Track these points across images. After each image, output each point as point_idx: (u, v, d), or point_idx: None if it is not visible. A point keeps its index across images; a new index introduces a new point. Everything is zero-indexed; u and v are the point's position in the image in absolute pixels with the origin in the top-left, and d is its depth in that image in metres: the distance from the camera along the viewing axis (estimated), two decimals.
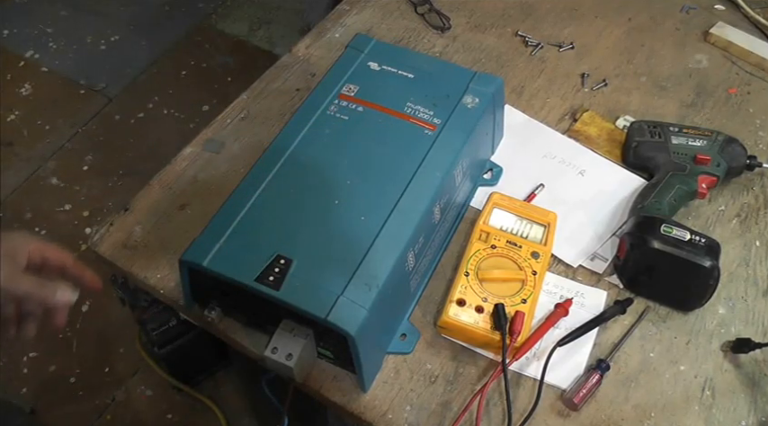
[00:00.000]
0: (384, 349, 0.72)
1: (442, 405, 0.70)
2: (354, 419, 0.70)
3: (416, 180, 0.73)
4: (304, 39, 1.03)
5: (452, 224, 0.82)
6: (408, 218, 0.70)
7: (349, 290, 0.64)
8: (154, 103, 2.04)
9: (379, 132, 0.77)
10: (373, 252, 0.67)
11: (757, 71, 1.02)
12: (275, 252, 0.66)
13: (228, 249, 0.67)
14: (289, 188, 0.72)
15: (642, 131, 0.89)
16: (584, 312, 0.76)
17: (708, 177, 0.84)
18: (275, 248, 0.66)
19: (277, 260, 0.66)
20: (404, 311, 0.75)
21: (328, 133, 0.77)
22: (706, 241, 0.75)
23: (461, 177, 0.79)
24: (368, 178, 0.73)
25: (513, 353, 0.71)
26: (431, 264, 0.78)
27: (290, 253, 0.66)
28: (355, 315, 0.63)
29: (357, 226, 0.69)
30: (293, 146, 0.75)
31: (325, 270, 0.66)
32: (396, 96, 0.80)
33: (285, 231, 0.69)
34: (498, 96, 0.84)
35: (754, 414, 0.71)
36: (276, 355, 0.66)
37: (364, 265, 0.66)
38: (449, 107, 0.80)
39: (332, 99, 0.80)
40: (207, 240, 0.67)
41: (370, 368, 0.69)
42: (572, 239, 0.82)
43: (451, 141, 0.77)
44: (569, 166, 0.90)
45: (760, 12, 1.08)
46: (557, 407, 0.71)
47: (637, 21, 1.09)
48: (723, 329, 0.77)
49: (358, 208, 0.71)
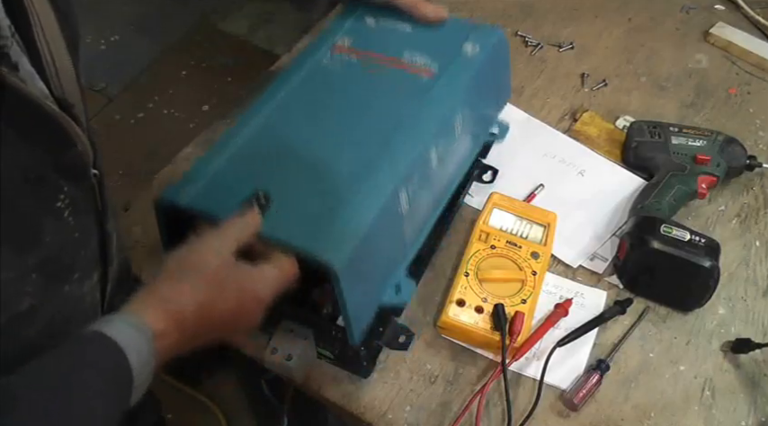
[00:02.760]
0: (375, 298, 0.67)
1: (441, 405, 0.70)
2: (354, 419, 0.70)
3: (411, 122, 0.69)
4: (304, 39, 1.03)
5: (455, 180, 0.78)
6: (401, 157, 0.67)
7: (335, 224, 0.61)
8: (154, 103, 2.04)
9: (374, 79, 0.74)
10: (362, 188, 0.64)
11: (757, 71, 1.02)
12: (256, 189, 0.62)
13: (208, 188, 0.64)
14: (276, 132, 0.69)
15: (642, 131, 0.89)
16: (583, 312, 0.76)
17: (708, 177, 0.84)
18: (256, 185, 0.63)
19: (258, 196, 0.62)
20: (397, 260, 0.70)
21: (321, 81, 0.74)
22: (706, 241, 0.75)
23: (461, 128, 0.75)
24: (360, 121, 0.70)
25: (513, 353, 0.71)
26: (429, 217, 0.74)
27: (272, 189, 0.63)
28: (341, 248, 0.59)
29: (346, 163, 0.66)
30: (283, 93, 0.72)
31: (310, 205, 0.63)
32: (392, 46, 0.77)
33: (269, 170, 0.66)
34: (501, 48, 0.81)
35: (754, 414, 0.71)
36: (276, 355, 0.66)
37: (352, 200, 0.63)
38: (448, 55, 0.76)
39: (325, 51, 0.77)
40: (185, 182, 0.64)
41: (358, 314, 0.64)
42: (572, 239, 0.82)
43: (450, 87, 0.73)
44: (569, 166, 0.90)
45: (760, 12, 1.08)
46: (557, 407, 0.71)
47: (637, 21, 1.09)
48: (723, 329, 0.77)
49: (348, 147, 0.68)
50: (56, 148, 0.51)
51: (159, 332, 0.50)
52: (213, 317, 0.54)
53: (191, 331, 0.53)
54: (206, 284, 0.54)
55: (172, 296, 0.53)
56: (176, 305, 0.52)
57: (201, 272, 0.54)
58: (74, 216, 0.54)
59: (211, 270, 0.55)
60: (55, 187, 0.52)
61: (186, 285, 0.53)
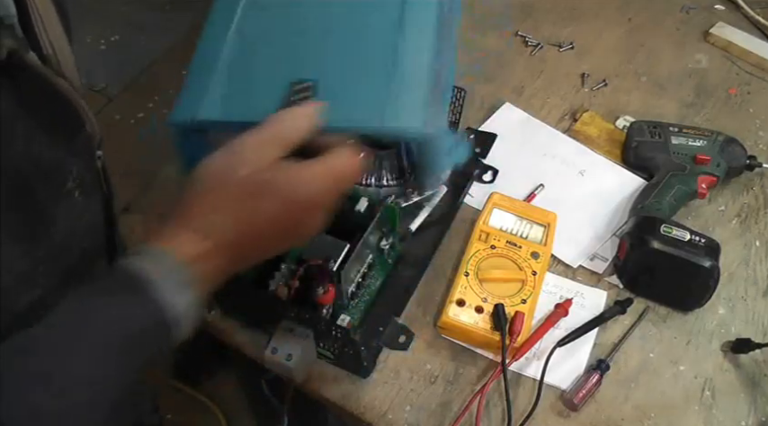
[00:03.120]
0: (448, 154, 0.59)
1: (441, 405, 0.70)
2: (354, 419, 0.70)
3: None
4: None
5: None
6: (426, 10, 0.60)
7: (395, 94, 0.54)
8: (154, 103, 2.04)
9: None
10: (403, 50, 0.57)
11: (757, 71, 1.02)
12: (289, 80, 0.54)
13: (229, 96, 0.55)
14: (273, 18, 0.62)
15: (642, 131, 0.89)
16: (584, 312, 0.76)
17: (708, 177, 0.84)
18: (286, 76, 0.54)
19: (296, 87, 0.53)
20: (444, 110, 0.64)
21: None
22: (706, 241, 0.75)
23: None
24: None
25: (513, 353, 0.71)
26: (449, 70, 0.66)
27: (307, 77, 0.54)
28: (414, 115, 0.53)
29: (374, 30, 0.59)
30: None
31: (359, 83, 0.55)
32: None
33: (289, 58, 0.57)
34: None
35: (754, 414, 0.71)
36: (276, 355, 0.66)
37: (400, 64, 0.56)
38: None
39: None
40: (193, 98, 0.56)
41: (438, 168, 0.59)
42: (572, 239, 0.82)
43: None
44: (569, 166, 0.90)
45: (760, 12, 1.08)
46: (557, 407, 0.71)
47: (637, 21, 1.09)
48: (723, 329, 0.77)
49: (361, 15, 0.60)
50: (67, 128, 0.50)
51: (195, 256, 0.45)
52: (259, 229, 0.48)
53: (235, 249, 0.47)
54: (242, 191, 0.47)
55: (203, 212, 0.47)
56: (210, 223, 0.46)
57: (235, 179, 0.47)
58: (83, 197, 0.52)
59: (246, 174, 0.47)
60: (66, 168, 0.50)
61: (220, 195, 0.47)
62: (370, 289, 0.75)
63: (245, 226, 0.47)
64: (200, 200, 0.47)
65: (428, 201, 0.78)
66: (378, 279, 0.76)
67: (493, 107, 0.95)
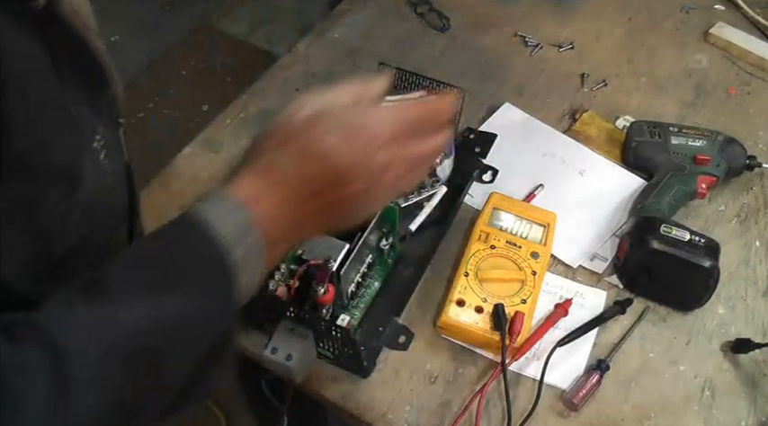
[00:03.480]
0: None
1: (441, 405, 0.70)
2: (354, 419, 0.70)
3: None
4: (304, 40, 1.04)
5: None
6: None
7: None
8: (154, 103, 2.04)
9: None
10: None
11: (757, 71, 1.02)
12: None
13: None
14: None
15: (642, 131, 0.89)
16: (583, 312, 0.76)
17: (707, 177, 0.84)
18: None
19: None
20: None
21: None
22: (706, 241, 0.75)
23: None
24: None
25: (513, 353, 0.71)
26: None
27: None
28: None
29: None
30: None
31: None
32: None
33: None
34: None
35: (753, 414, 0.71)
36: (276, 355, 0.66)
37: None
38: None
39: None
40: None
41: None
42: (572, 239, 0.82)
43: None
44: (569, 166, 0.90)
45: (760, 12, 1.08)
46: (556, 407, 0.70)
47: (637, 21, 1.09)
48: (723, 329, 0.77)
49: None
50: (94, 86, 0.49)
51: (249, 196, 0.43)
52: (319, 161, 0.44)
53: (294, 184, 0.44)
54: (305, 123, 0.45)
55: (264, 151, 0.45)
56: (268, 160, 0.44)
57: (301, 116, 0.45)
58: (108, 159, 0.51)
59: (300, 116, 0.45)
60: (92, 126, 0.49)
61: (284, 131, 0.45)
62: (369, 289, 0.75)
63: (304, 159, 0.44)
64: (264, 141, 0.46)
65: (428, 201, 0.78)
66: (377, 280, 0.76)
67: (493, 107, 0.95)
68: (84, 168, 0.48)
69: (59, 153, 0.45)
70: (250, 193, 0.44)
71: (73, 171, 0.47)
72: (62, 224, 0.48)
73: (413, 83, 0.86)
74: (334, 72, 0.99)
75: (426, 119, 0.49)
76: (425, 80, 0.85)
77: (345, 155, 0.45)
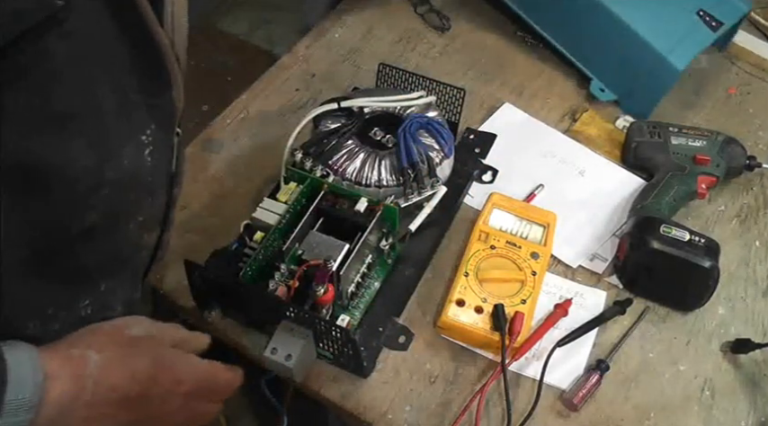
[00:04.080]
0: None
1: (441, 405, 0.70)
2: (354, 419, 0.70)
3: None
4: (304, 40, 1.03)
5: None
6: None
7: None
8: None
9: None
10: None
11: (757, 71, 1.02)
12: None
13: None
14: None
15: (642, 131, 0.89)
16: (583, 312, 0.76)
17: (707, 177, 0.84)
18: None
19: None
20: None
21: None
22: (705, 241, 0.75)
23: None
24: None
25: (513, 354, 0.71)
26: None
27: None
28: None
29: None
30: None
31: None
32: None
33: None
34: None
35: (753, 414, 0.71)
36: (275, 355, 0.66)
37: None
38: None
39: None
40: None
41: None
42: (572, 239, 0.82)
43: None
44: (569, 166, 0.90)
45: (760, 12, 1.08)
46: (556, 407, 0.71)
47: None
48: (723, 329, 0.77)
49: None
50: (154, 84, 0.49)
51: (50, 372, 0.44)
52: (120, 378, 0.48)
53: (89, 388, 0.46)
54: (124, 340, 0.50)
55: (83, 343, 0.48)
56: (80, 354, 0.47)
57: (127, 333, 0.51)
58: (152, 158, 0.51)
59: (129, 332, 0.51)
60: (145, 120, 0.49)
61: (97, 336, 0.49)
62: (369, 290, 0.75)
63: (109, 370, 0.48)
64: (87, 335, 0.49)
65: (428, 201, 0.78)
66: (377, 280, 0.76)
67: (493, 107, 0.95)
68: (125, 151, 0.48)
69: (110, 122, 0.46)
70: (51, 369, 0.44)
71: (116, 145, 0.47)
72: (86, 198, 0.47)
73: (413, 83, 0.86)
74: (335, 72, 0.99)
75: (220, 388, 0.56)
76: (425, 80, 0.85)
77: (146, 383, 0.49)
